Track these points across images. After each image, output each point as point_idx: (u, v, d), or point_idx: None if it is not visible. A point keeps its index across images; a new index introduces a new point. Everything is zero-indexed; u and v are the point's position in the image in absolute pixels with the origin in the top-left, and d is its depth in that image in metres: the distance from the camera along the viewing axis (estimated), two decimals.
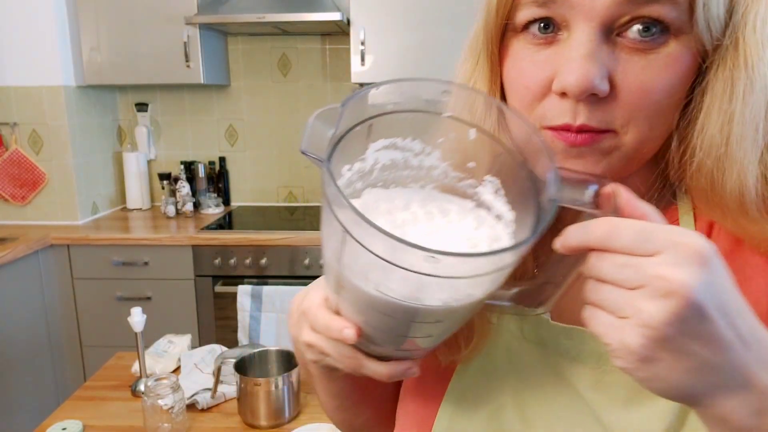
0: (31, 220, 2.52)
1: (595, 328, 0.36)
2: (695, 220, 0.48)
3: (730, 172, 0.42)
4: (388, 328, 0.41)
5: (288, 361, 1.27)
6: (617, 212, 0.37)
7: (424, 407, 0.53)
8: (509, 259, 0.36)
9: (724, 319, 0.34)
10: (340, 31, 2.62)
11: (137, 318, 1.25)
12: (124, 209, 2.84)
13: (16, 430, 2.17)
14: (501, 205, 0.43)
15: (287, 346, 1.31)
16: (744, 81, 0.41)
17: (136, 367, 1.39)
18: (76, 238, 2.33)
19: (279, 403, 1.18)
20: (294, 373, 1.20)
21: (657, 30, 0.40)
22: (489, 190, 0.44)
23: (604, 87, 0.40)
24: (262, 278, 2.32)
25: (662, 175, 0.48)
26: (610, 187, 0.37)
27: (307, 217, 2.66)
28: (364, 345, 0.44)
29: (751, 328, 0.35)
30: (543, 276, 0.44)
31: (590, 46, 0.40)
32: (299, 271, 2.30)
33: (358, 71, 2.38)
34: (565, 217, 0.39)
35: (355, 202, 0.42)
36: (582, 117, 0.41)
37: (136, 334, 1.26)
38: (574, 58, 0.40)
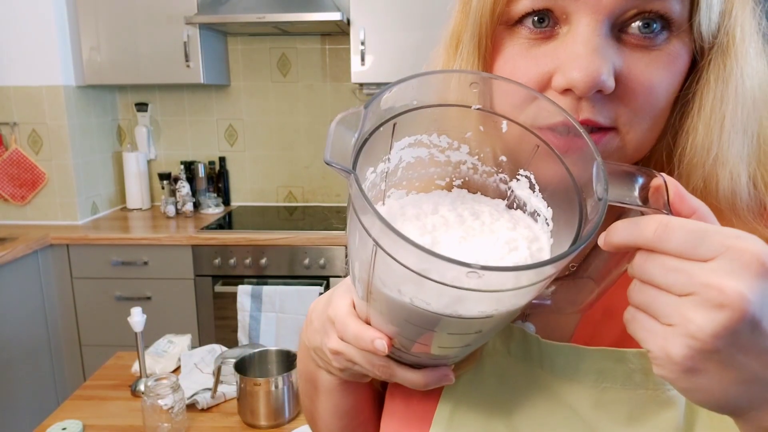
0: (30, 220, 2.52)
1: (636, 332, 0.34)
2: None
3: (723, 172, 0.41)
4: (423, 339, 0.39)
5: (288, 361, 1.27)
6: (667, 208, 0.34)
7: (414, 420, 0.51)
8: (556, 269, 0.33)
9: None
10: (340, 31, 2.62)
11: (137, 318, 1.25)
12: (124, 209, 2.84)
13: (16, 430, 2.17)
14: (537, 201, 0.41)
15: (287, 346, 1.31)
16: (736, 81, 0.41)
17: (136, 367, 1.39)
18: (76, 238, 2.33)
19: (279, 403, 1.18)
20: (294, 373, 1.20)
21: (657, 27, 0.39)
22: (524, 185, 0.42)
23: (611, 83, 0.39)
24: (261, 278, 2.32)
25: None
26: (659, 180, 0.35)
27: (307, 217, 2.66)
28: (396, 354, 0.42)
29: None
30: (582, 272, 0.41)
31: (598, 40, 0.38)
32: (299, 271, 2.30)
33: (358, 71, 2.38)
34: (608, 211, 0.36)
35: (380, 209, 0.40)
36: (586, 113, 0.40)
37: (135, 334, 1.26)
38: (581, 53, 0.38)
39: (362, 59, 2.36)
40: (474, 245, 0.38)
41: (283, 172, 2.89)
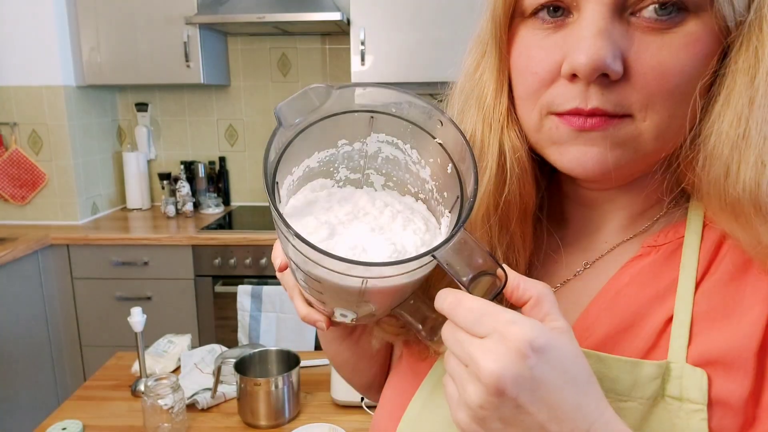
0: (30, 220, 2.52)
1: (445, 389, 0.39)
2: (703, 238, 0.44)
3: (746, 158, 0.38)
4: (321, 297, 0.44)
5: (288, 361, 1.27)
6: (499, 295, 0.38)
7: (400, 395, 0.54)
8: (397, 270, 0.38)
9: (534, 406, 0.34)
10: (340, 31, 2.62)
11: (137, 318, 1.25)
12: (124, 209, 2.84)
13: (16, 430, 2.17)
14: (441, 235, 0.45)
15: (287, 346, 1.31)
16: (767, 63, 0.38)
17: (136, 367, 1.39)
18: (76, 238, 2.33)
19: (279, 403, 1.18)
20: (294, 373, 1.20)
21: (674, 8, 0.38)
22: (444, 224, 0.44)
23: (616, 67, 0.38)
24: (262, 278, 2.32)
25: (677, 181, 0.45)
26: (501, 271, 0.38)
27: None
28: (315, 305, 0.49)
29: (564, 415, 0.35)
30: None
31: (601, 23, 0.38)
32: None
33: (358, 71, 2.38)
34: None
35: (302, 194, 0.46)
36: (594, 100, 0.39)
37: (136, 334, 1.26)
38: (585, 36, 0.38)
39: (362, 59, 2.36)
40: (365, 235, 0.42)
41: None
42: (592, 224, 0.51)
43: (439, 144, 0.43)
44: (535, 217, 0.50)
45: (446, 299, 0.38)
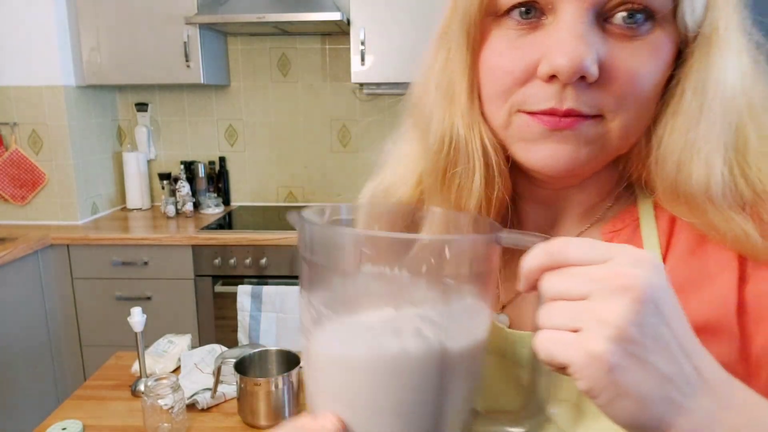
0: (30, 220, 2.52)
1: (552, 351, 0.34)
2: (656, 218, 0.47)
3: (698, 159, 0.41)
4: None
5: (288, 361, 1.27)
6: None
7: None
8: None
9: (674, 322, 0.33)
10: (340, 31, 2.62)
11: (137, 318, 1.25)
12: (124, 209, 2.84)
13: (16, 430, 2.17)
14: None
15: (287, 346, 1.31)
16: (717, 72, 0.41)
17: (136, 367, 1.39)
18: (76, 238, 2.33)
19: (279, 403, 1.18)
20: (294, 373, 1.20)
21: (641, 17, 0.40)
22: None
23: (594, 71, 0.39)
24: (262, 278, 2.32)
25: (622, 174, 0.49)
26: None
27: None
28: None
29: (692, 341, 0.35)
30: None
31: (583, 27, 0.39)
32: (299, 271, 2.29)
33: (358, 71, 2.38)
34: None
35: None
36: (570, 101, 0.41)
37: (136, 334, 1.26)
38: (565, 39, 0.39)
39: (362, 59, 2.36)
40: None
41: (283, 172, 2.89)
42: (549, 221, 0.52)
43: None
44: None
45: (552, 245, 0.35)
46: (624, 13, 0.40)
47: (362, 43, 2.34)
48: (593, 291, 0.33)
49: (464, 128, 0.46)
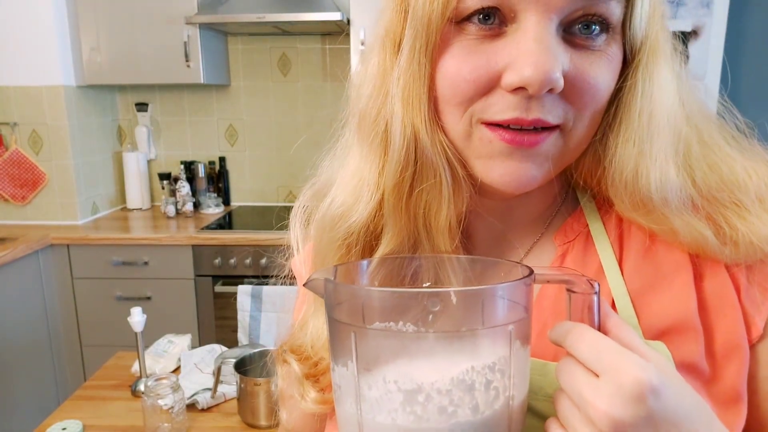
0: (31, 220, 2.52)
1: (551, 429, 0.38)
2: (604, 223, 0.49)
3: (652, 165, 0.42)
4: None
5: None
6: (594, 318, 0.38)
7: None
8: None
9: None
10: (340, 31, 2.62)
11: (137, 318, 1.25)
12: (124, 209, 2.84)
13: (16, 430, 2.17)
14: None
15: None
16: (661, 81, 0.43)
17: (136, 367, 1.39)
18: (76, 238, 2.33)
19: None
20: None
21: (597, 29, 0.40)
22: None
23: (562, 83, 0.39)
24: (262, 278, 2.32)
25: (567, 181, 0.51)
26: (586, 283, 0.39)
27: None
28: None
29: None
30: None
31: (550, 39, 0.39)
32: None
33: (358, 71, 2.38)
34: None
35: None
36: (536, 111, 0.40)
37: (136, 334, 1.26)
38: (534, 50, 0.38)
39: None
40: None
41: (283, 172, 2.89)
42: (499, 232, 0.52)
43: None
44: None
45: (569, 333, 0.37)
46: (581, 24, 0.40)
47: (362, 43, 2.34)
48: (578, 405, 0.35)
49: (428, 140, 0.43)
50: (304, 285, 0.41)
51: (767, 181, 0.45)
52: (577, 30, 0.40)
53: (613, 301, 0.46)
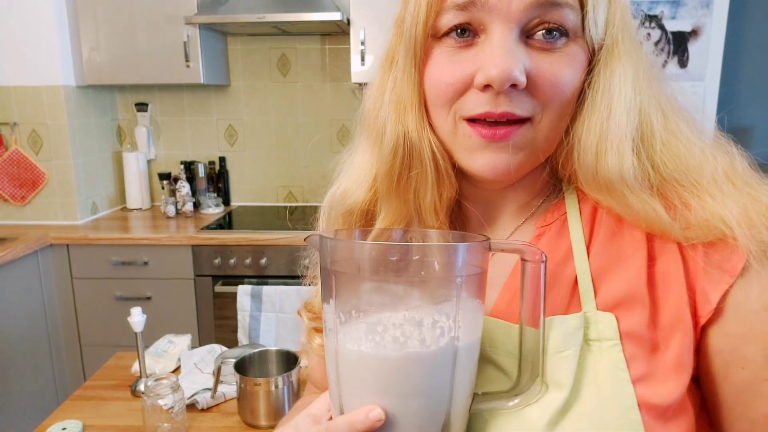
0: (30, 220, 2.52)
1: None
2: (581, 211, 0.55)
3: (611, 148, 0.49)
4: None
5: (288, 361, 1.27)
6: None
7: None
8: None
9: None
10: (340, 31, 2.62)
11: (137, 318, 1.25)
12: (124, 209, 2.84)
13: (16, 430, 2.17)
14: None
15: (287, 346, 1.31)
16: (619, 74, 0.49)
17: (136, 367, 1.39)
18: (76, 238, 2.33)
19: (279, 403, 1.18)
20: (294, 373, 1.20)
21: (558, 34, 0.48)
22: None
23: (522, 79, 0.47)
24: (262, 278, 2.32)
25: (550, 174, 0.57)
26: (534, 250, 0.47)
27: (307, 217, 2.65)
28: None
29: None
30: None
31: (509, 43, 0.47)
32: (299, 271, 2.29)
33: (358, 71, 2.38)
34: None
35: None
36: (503, 105, 0.48)
37: (136, 334, 1.26)
38: (497, 53, 0.47)
39: (362, 59, 2.36)
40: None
41: (283, 172, 2.89)
42: (489, 218, 0.61)
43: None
44: None
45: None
46: (543, 31, 0.48)
47: (362, 43, 2.34)
48: None
49: (416, 136, 0.53)
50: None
51: (724, 166, 0.50)
52: (540, 36, 0.48)
53: (575, 279, 0.52)
